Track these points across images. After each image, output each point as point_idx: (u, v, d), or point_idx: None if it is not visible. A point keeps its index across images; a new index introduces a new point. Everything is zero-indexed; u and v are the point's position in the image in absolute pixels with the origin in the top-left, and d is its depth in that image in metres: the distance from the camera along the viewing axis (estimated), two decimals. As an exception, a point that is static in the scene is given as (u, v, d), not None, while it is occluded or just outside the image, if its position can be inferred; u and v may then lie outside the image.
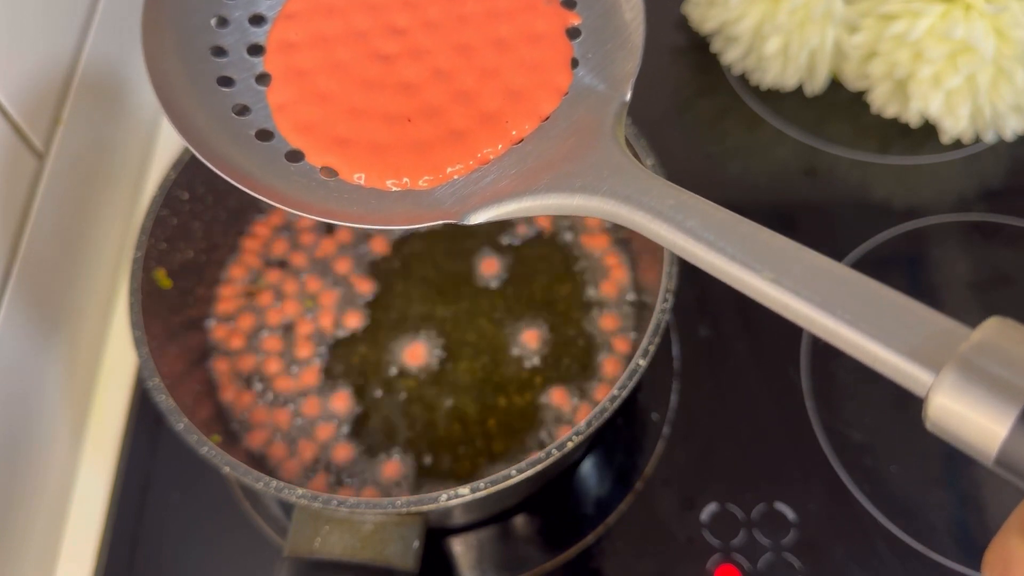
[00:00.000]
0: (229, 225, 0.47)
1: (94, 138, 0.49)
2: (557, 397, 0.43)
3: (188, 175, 0.42)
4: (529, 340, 0.44)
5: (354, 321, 0.45)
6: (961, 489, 0.43)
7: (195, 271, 0.44)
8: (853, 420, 0.44)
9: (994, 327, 0.19)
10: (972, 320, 0.20)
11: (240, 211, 0.47)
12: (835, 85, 0.55)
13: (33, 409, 0.43)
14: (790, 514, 0.42)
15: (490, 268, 0.46)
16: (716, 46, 0.56)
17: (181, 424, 0.36)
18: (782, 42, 0.52)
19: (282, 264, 0.47)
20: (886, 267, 0.49)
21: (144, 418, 0.47)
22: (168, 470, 0.45)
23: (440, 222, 0.27)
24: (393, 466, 0.42)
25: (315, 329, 0.45)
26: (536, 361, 0.44)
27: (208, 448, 0.35)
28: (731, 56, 0.55)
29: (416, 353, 0.44)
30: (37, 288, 0.43)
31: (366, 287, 0.46)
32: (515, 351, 0.44)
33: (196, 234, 0.44)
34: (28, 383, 0.43)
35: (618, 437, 0.45)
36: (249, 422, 0.43)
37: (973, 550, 0.41)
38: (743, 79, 0.56)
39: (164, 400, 0.36)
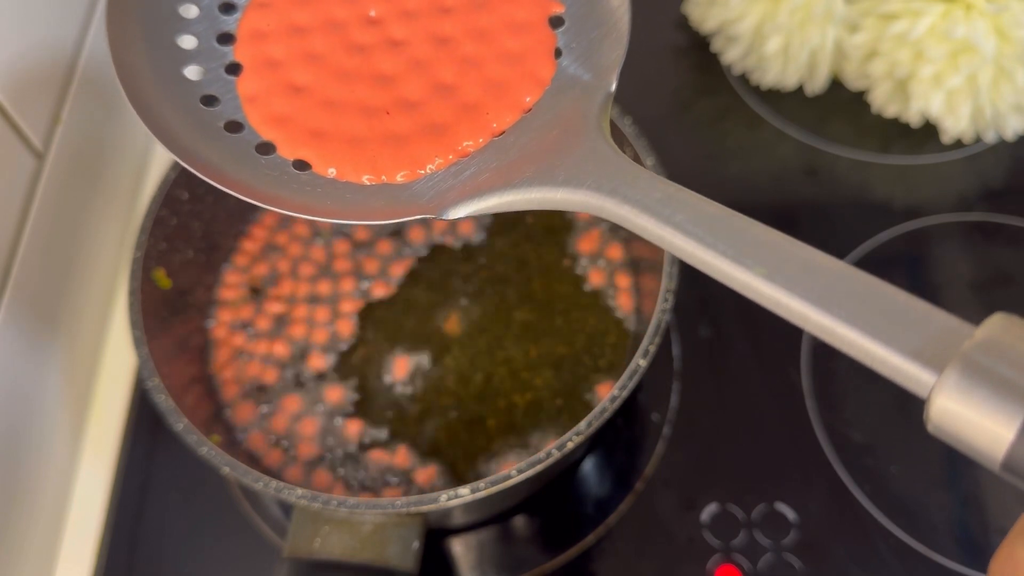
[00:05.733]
0: (229, 225, 0.47)
1: (93, 137, 0.49)
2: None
3: (188, 174, 0.41)
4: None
5: (354, 322, 0.45)
6: (962, 489, 0.43)
7: (195, 271, 0.44)
8: (853, 420, 0.44)
9: (999, 324, 0.19)
10: (974, 321, 0.19)
11: (240, 210, 0.47)
12: (836, 85, 0.55)
13: (32, 409, 0.43)
14: (790, 514, 0.42)
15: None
16: (716, 46, 0.56)
17: (180, 424, 0.35)
18: (783, 42, 0.52)
19: (284, 263, 0.47)
20: (887, 267, 0.48)
21: (144, 418, 0.47)
22: (168, 471, 0.45)
23: (418, 217, 0.26)
24: (402, 456, 0.42)
25: (318, 329, 0.45)
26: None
27: (207, 448, 0.35)
28: (731, 56, 0.55)
29: (406, 361, 0.44)
30: (36, 288, 0.43)
31: (376, 287, 0.46)
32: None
33: (196, 234, 0.44)
34: (27, 383, 0.43)
35: (618, 437, 0.45)
36: (249, 422, 0.43)
37: (974, 550, 0.41)
38: (743, 79, 0.56)
39: (163, 400, 0.36)
